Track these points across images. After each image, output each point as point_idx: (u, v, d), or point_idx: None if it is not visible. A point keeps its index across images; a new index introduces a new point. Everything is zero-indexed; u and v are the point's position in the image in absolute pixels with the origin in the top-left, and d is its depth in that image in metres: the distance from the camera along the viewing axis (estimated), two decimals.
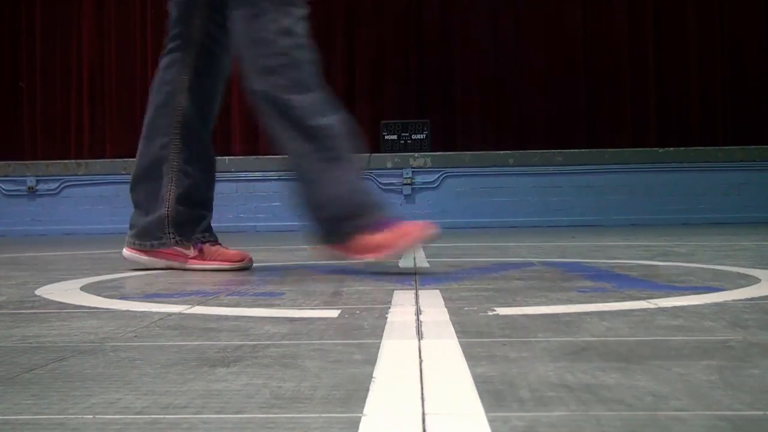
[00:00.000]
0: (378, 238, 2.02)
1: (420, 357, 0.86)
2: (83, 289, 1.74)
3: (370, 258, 2.03)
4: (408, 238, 2.01)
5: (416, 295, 1.49)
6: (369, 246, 2.02)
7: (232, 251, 2.30)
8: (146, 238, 2.33)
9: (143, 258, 2.33)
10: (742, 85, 7.04)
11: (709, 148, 6.77)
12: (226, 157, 6.82)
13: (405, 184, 6.76)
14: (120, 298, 1.53)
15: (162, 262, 2.32)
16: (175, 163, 2.29)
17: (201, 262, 2.28)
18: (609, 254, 2.75)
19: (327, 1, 7.31)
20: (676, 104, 7.10)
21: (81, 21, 7.19)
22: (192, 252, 2.30)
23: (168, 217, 2.30)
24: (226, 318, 1.23)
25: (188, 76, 2.27)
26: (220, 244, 2.33)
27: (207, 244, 2.30)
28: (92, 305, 1.43)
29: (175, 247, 2.31)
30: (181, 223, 2.30)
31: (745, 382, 0.73)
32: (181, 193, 2.30)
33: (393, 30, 7.35)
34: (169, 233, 2.30)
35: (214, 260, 2.27)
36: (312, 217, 2.10)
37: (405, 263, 2.32)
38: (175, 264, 2.31)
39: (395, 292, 1.54)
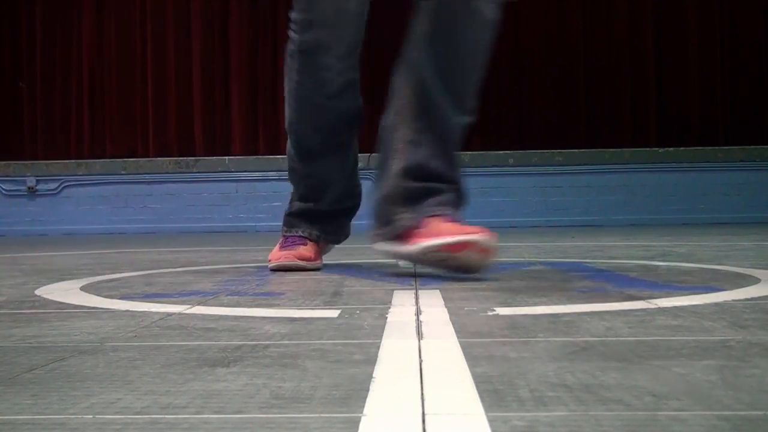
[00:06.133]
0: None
1: (420, 357, 0.86)
2: (83, 289, 1.73)
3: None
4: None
5: (416, 295, 1.49)
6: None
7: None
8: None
9: None
10: (742, 85, 7.03)
11: (708, 148, 6.77)
12: (226, 157, 6.83)
13: None
14: (120, 298, 1.53)
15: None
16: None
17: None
18: (609, 254, 2.75)
19: None
20: (676, 104, 7.10)
21: (81, 21, 7.19)
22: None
23: None
24: (226, 318, 1.23)
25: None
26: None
27: None
28: (92, 305, 1.43)
29: None
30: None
31: (745, 382, 0.73)
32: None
33: (393, 30, 7.34)
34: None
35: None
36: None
37: (405, 263, 2.31)
38: None
39: (395, 292, 1.54)
